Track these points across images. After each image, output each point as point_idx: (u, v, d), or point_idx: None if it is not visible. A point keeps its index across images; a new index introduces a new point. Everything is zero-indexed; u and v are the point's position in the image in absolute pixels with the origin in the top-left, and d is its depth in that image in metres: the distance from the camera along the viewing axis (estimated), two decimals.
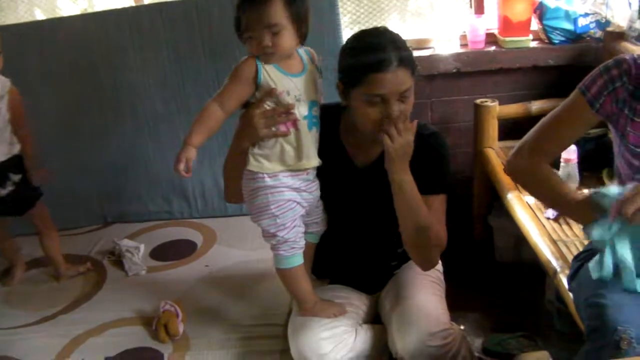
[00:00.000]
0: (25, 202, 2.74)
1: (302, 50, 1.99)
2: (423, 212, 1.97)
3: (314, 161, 2.01)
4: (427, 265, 2.10)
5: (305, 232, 2.09)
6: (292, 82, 1.92)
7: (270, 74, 1.88)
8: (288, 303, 2.28)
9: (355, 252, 2.20)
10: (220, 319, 2.41)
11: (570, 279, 2.03)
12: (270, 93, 1.89)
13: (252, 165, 1.96)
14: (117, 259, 2.91)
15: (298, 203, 2.01)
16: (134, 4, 3.47)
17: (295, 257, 2.05)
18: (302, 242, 2.06)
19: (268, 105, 1.91)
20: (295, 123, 1.93)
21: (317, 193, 2.08)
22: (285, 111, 1.90)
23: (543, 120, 1.98)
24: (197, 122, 1.91)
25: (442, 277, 2.35)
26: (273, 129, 1.92)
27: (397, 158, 1.91)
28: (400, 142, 1.88)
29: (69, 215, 3.27)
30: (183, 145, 1.91)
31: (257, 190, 1.97)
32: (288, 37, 1.87)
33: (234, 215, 3.18)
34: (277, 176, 1.97)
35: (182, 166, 1.89)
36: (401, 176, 1.93)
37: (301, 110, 1.94)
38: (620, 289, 1.74)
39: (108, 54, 3.11)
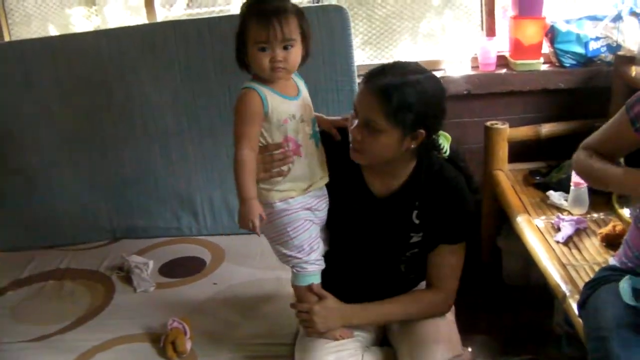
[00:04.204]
0: None
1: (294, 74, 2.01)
2: (412, 312, 2.13)
3: (325, 178, 2.04)
4: (439, 315, 2.15)
5: None
6: (293, 105, 1.94)
7: (274, 101, 1.89)
8: (296, 323, 2.27)
9: (362, 275, 2.20)
10: (228, 337, 2.39)
11: (580, 306, 2.01)
12: (278, 147, 1.92)
13: (262, 196, 1.96)
14: (126, 274, 2.89)
15: (312, 221, 2.02)
16: (146, 22, 3.50)
17: (315, 275, 2.07)
18: (322, 261, 2.08)
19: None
20: (299, 151, 1.95)
21: (327, 209, 2.09)
22: (282, 158, 1.93)
23: (602, 126, 2.03)
24: (243, 175, 1.88)
25: None
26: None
27: (334, 325, 2.08)
28: (318, 326, 2.06)
29: (77, 230, 3.28)
30: (243, 201, 1.88)
31: (271, 216, 1.97)
32: (298, 55, 1.89)
33: (243, 234, 3.16)
34: (288, 199, 1.98)
35: (257, 222, 1.87)
36: (366, 321, 2.16)
37: (307, 130, 1.97)
38: (625, 322, 1.73)
39: (120, 70, 3.12)
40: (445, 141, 2.03)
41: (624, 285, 1.81)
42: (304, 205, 2.00)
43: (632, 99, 1.89)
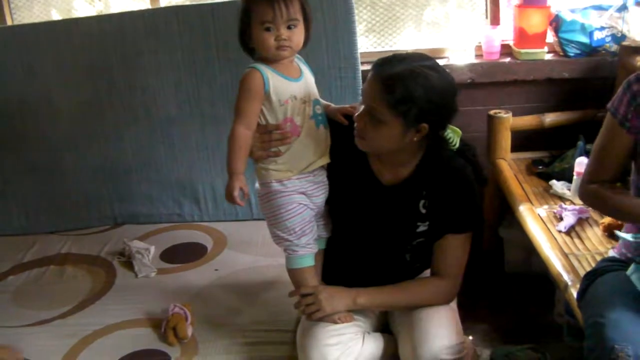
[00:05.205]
0: None
1: (296, 57, 2.07)
2: (416, 298, 2.10)
3: (324, 159, 2.07)
4: (443, 303, 2.13)
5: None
6: (295, 86, 1.99)
7: (276, 81, 1.95)
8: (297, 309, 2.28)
9: (367, 263, 2.20)
10: (229, 324, 2.40)
11: (579, 297, 2.02)
12: (277, 128, 1.98)
13: (260, 175, 2.04)
14: (127, 260, 2.89)
15: (306, 206, 2.06)
16: (150, 7, 3.49)
17: (307, 258, 2.09)
18: (314, 244, 2.11)
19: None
20: (298, 132, 2.00)
21: (325, 196, 2.12)
22: (280, 138, 1.98)
23: (593, 148, 1.98)
24: (233, 151, 1.97)
25: None
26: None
27: (339, 306, 2.06)
28: (324, 303, 2.04)
29: (79, 215, 3.28)
30: (230, 175, 1.97)
31: (267, 195, 2.03)
32: (301, 35, 1.96)
33: (245, 220, 3.18)
34: (284, 181, 2.02)
35: (237, 193, 1.96)
36: (370, 304, 2.13)
37: (308, 111, 2.02)
38: (620, 309, 1.73)
39: (123, 56, 3.11)
40: (455, 135, 2.02)
41: (634, 277, 1.81)
42: (299, 189, 2.04)
43: (614, 102, 1.88)
